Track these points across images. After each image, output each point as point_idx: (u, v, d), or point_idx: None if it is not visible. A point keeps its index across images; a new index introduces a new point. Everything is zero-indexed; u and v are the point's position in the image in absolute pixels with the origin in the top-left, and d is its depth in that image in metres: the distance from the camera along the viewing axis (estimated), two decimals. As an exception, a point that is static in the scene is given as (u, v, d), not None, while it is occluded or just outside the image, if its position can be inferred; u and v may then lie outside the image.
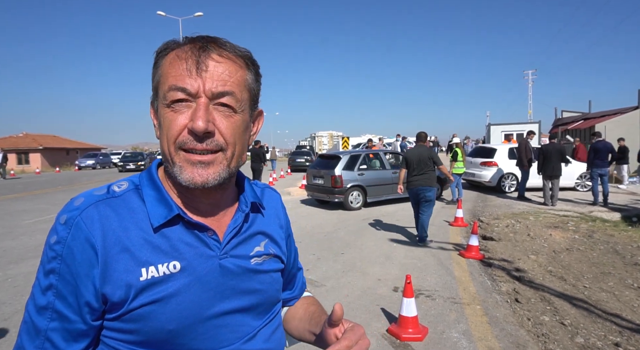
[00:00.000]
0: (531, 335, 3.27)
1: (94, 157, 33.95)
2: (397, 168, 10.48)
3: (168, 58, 0.69)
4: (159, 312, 0.67)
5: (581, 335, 3.20)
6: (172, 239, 0.70)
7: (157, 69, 0.71)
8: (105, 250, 0.66)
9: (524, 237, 6.48)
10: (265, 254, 0.81)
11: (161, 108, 0.69)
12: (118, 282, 0.66)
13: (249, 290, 0.77)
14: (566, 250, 5.67)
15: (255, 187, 0.89)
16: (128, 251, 0.67)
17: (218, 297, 0.73)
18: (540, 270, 4.87)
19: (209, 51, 0.67)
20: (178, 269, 0.69)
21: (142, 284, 0.66)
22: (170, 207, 0.71)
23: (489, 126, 20.59)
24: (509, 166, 11.48)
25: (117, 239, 0.67)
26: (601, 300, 3.90)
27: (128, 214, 0.70)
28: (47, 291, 0.66)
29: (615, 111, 17.82)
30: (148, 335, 0.68)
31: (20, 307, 3.88)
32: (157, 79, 0.70)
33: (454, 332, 3.30)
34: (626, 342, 3.09)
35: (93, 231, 0.66)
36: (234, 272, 0.74)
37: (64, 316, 0.66)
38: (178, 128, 0.67)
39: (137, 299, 0.66)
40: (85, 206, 0.68)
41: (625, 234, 6.51)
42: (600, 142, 9.26)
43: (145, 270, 0.67)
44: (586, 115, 20.88)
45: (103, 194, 0.71)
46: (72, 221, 0.66)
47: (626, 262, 5.09)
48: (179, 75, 0.66)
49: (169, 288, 0.68)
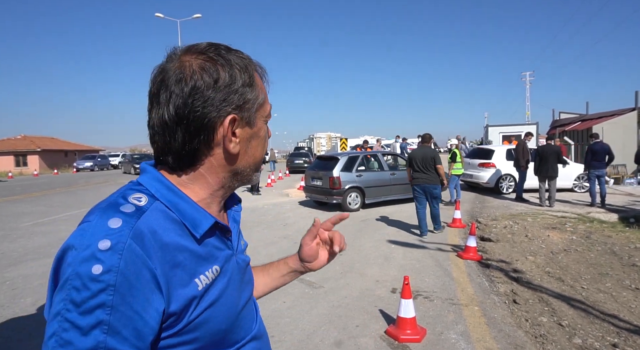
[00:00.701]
0: (529, 336, 3.28)
1: (92, 159, 33.90)
2: (395, 169, 10.50)
3: (258, 80, 0.79)
4: (214, 316, 0.72)
5: (579, 336, 3.21)
6: (208, 245, 0.74)
7: (256, 86, 0.77)
8: (163, 271, 0.64)
9: (521, 238, 6.50)
10: (245, 245, 0.92)
11: (263, 124, 0.81)
12: (182, 298, 0.66)
13: (249, 280, 0.89)
14: (564, 251, 5.69)
15: None
16: (179, 265, 0.67)
17: (241, 291, 0.82)
18: (538, 271, 4.88)
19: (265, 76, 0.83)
20: (218, 272, 0.75)
21: (200, 293, 0.69)
22: (204, 215, 0.73)
23: (487, 127, 20.65)
24: (507, 167, 11.51)
25: (168, 255, 0.66)
26: (599, 301, 3.91)
27: (167, 228, 0.68)
28: (92, 330, 0.57)
29: (613, 112, 17.87)
30: (207, 341, 0.71)
31: (19, 310, 3.87)
32: (261, 98, 0.78)
33: (452, 333, 3.31)
34: (624, 342, 3.10)
35: (148, 252, 0.62)
36: (242, 267, 0.85)
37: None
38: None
39: (197, 308, 0.69)
40: (130, 227, 0.62)
41: (622, 235, 6.53)
42: (597, 144, 9.30)
43: (199, 280, 0.70)
44: (583, 117, 20.95)
45: (134, 211, 0.65)
46: (122, 245, 0.60)
47: (624, 263, 5.10)
48: (268, 99, 0.83)
49: (217, 291, 0.73)
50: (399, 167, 10.89)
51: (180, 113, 0.69)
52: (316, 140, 36.99)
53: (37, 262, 5.54)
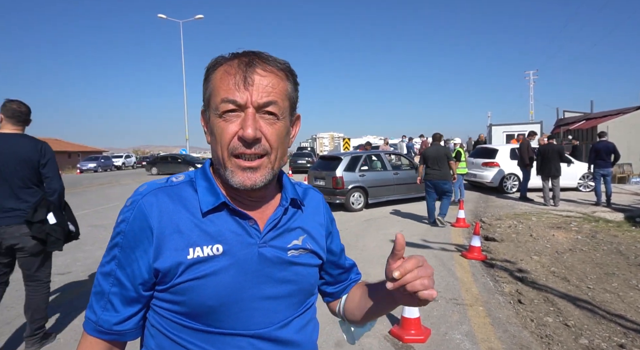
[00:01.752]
0: (535, 337, 3.24)
1: (95, 160, 34.04)
2: (398, 169, 10.47)
3: (218, 73, 0.78)
4: (200, 288, 0.76)
5: (585, 337, 3.17)
6: (218, 225, 0.79)
7: (208, 83, 0.80)
8: (160, 230, 0.76)
9: (526, 237, 6.45)
10: (302, 247, 0.87)
11: (213, 118, 0.78)
12: (169, 258, 0.75)
13: (283, 280, 0.83)
14: (569, 251, 5.64)
15: (298, 187, 0.96)
16: (179, 232, 0.77)
17: (254, 282, 0.80)
18: (543, 271, 4.84)
19: (254, 66, 0.76)
20: (221, 252, 0.78)
21: (189, 261, 0.76)
22: (217, 195, 0.80)
23: (491, 126, 20.56)
24: (511, 167, 11.45)
25: (171, 221, 0.77)
26: (605, 301, 3.87)
27: (181, 201, 0.80)
28: (111, 261, 0.79)
29: (618, 111, 17.74)
30: (190, 308, 0.77)
31: (22, 310, 3.89)
32: (209, 92, 0.80)
33: (456, 334, 3.28)
34: (631, 343, 3.06)
35: (151, 213, 0.77)
36: (271, 261, 0.81)
37: (122, 283, 0.78)
38: (230, 135, 0.76)
39: (184, 275, 0.75)
40: (147, 192, 0.80)
41: (628, 235, 6.47)
42: (601, 143, 9.22)
43: (192, 249, 0.76)
44: (588, 116, 20.81)
45: (162, 183, 0.83)
46: (136, 204, 0.78)
47: (630, 263, 5.05)
48: (229, 89, 0.75)
49: (211, 267, 0.76)
50: (402, 166, 10.86)
51: None
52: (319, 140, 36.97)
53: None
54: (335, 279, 1.04)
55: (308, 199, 0.96)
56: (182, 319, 0.78)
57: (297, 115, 0.88)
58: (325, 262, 0.97)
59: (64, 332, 3.37)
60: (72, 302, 4.05)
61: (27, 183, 2.77)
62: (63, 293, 4.32)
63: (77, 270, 5.14)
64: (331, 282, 1.04)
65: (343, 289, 1.05)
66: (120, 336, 0.80)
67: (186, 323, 0.78)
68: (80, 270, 5.15)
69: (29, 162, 2.75)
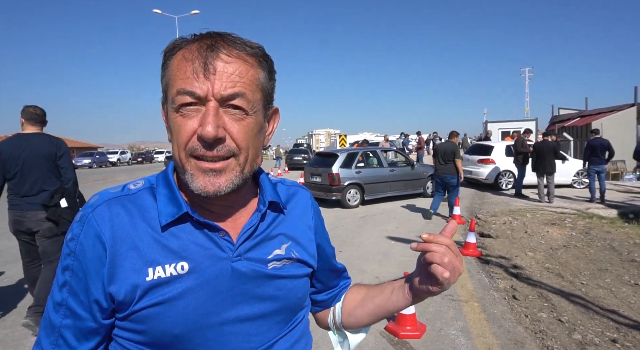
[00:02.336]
0: (529, 332, 3.28)
1: (90, 157, 33.83)
2: (395, 166, 10.50)
3: (176, 58, 0.65)
4: (164, 315, 0.65)
5: (579, 332, 3.21)
6: (182, 239, 0.68)
7: (166, 70, 0.67)
8: (113, 248, 0.65)
9: (521, 234, 6.50)
10: (285, 257, 0.75)
11: (170, 112, 0.66)
12: (124, 281, 0.64)
13: (264, 297, 0.72)
14: (563, 247, 5.69)
15: (281, 186, 0.84)
16: (136, 249, 0.66)
17: (228, 302, 0.69)
18: (537, 267, 4.88)
19: (217, 50, 0.63)
20: (186, 270, 0.66)
21: (147, 284, 0.65)
22: (179, 205, 0.68)
23: (486, 123, 20.63)
24: (506, 163, 11.51)
25: (127, 236, 0.66)
26: (598, 297, 3.91)
27: (139, 212, 0.69)
28: (62, 288, 0.67)
29: (612, 108, 17.84)
30: (153, 338, 0.66)
31: (16, 309, 3.86)
32: (165, 81, 0.67)
33: (452, 330, 3.30)
34: (623, 338, 3.10)
35: (103, 228, 0.66)
36: (247, 276, 0.70)
37: (75, 313, 0.66)
38: (187, 134, 0.63)
39: (143, 300, 0.65)
40: (98, 204, 0.68)
41: (622, 231, 6.53)
42: (596, 140, 9.28)
43: (152, 269, 0.65)
44: (582, 113, 20.91)
45: (117, 192, 0.71)
46: (85, 218, 0.67)
47: (623, 259, 5.11)
48: (186, 78, 0.62)
49: (174, 289, 0.65)
50: (399, 163, 10.89)
51: None
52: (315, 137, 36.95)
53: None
54: (326, 286, 0.93)
55: (294, 200, 0.84)
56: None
57: (274, 108, 0.75)
58: (317, 270, 0.85)
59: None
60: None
61: (47, 174, 3.21)
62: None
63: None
64: (321, 289, 0.93)
65: (334, 296, 0.95)
66: None
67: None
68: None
69: (48, 156, 3.21)
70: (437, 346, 3.06)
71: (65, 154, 3.31)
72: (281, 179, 0.88)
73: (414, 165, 10.60)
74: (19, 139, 3.20)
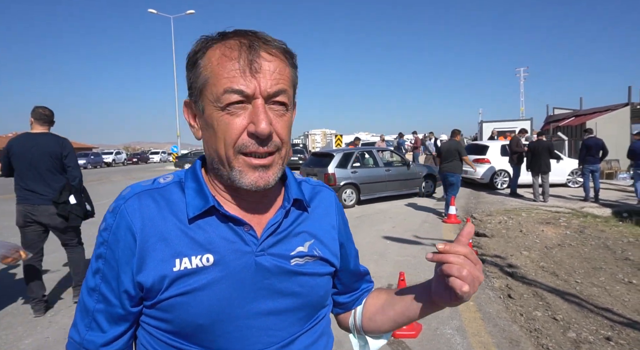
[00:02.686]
0: (524, 331, 3.29)
1: (85, 157, 33.64)
2: (390, 166, 10.52)
3: (212, 57, 0.66)
4: (188, 305, 0.67)
5: (573, 330, 3.23)
6: (208, 232, 0.70)
7: (198, 69, 0.67)
8: (143, 239, 0.68)
9: (516, 233, 6.53)
10: (308, 255, 0.76)
11: (212, 111, 0.66)
12: (153, 271, 0.67)
13: (286, 292, 0.73)
14: (558, 246, 5.72)
15: (306, 185, 0.85)
16: (165, 240, 0.68)
17: (252, 296, 0.70)
18: (532, 266, 4.91)
19: (258, 49, 0.65)
20: (211, 262, 0.68)
21: (174, 274, 0.67)
22: (206, 199, 0.70)
23: (482, 123, 20.71)
24: (502, 163, 11.57)
25: (156, 228, 0.69)
26: (593, 295, 3.94)
27: (167, 205, 0.71)
28: (95, 274, 0.71)
29: (606, 108, 17.95)
30: (179, 327, 0.68)
31: (4, 312, 3.84)
32: (202, 79, 0.67)
33: (447, 329, 3.31)
34: (617, 335, 3.12)
35: (134, 219, 0.68)
36: (270, 271, 0.71)
37: (107, 299, 0.70)
38: (237, 131, 0.65)
39: (170, 289, 0.67)
40: (130, 196, 0.71)
41: (615, 230, 6.58)
42: (591, 139, 9.35)
43: (179, 260, 0.67)
44: (577, 112, 21.03)
45: (147, 185, 0.74)
46: (117, 209, 0.70)
47: (617, 257, 5.14)
48: (232, 77, 0.64)
49: (199, 281, 0.67)
50: (394, 163, 10.91)
51: None
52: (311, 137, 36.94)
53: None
54: (348, 288, 0.92)
55: (318, 199, 0.85)
56: (172, 339, 0.69)
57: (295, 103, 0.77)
58: (339, 270, 0.86)
59: (53, 333, 3.34)
60: (63, 298, 4.01)
61: (53, 171, 3.48)
62: (54, 291, 4.27)
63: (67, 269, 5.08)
64: (343, 291, 0.92)
65: (356, 298, 0.94)
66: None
67: (176, 344, 0.69)
68: (70, 268, 5.08)
69: (54, 154, 3.47)
70: (432, 345, 3.07)
71: (70, 153, 3.58)
72: (306, 178, 0.89)
73: (409, 165, 10.63)
74: (28, 137, 3.48)
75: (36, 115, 3.50)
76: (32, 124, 3.53)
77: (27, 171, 3.40)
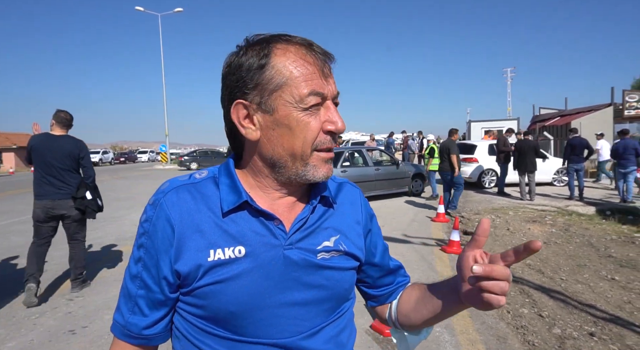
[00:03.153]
0: (511, 328, 3.34)
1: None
2: (380, 165, 10.57)
3: (286, 61, 0.70)
4: (221, 293, 0.71)
5: (558, 326, 3.29)
6: (240, 225, 0.74)
7: (270, 71, 0.69)
8: (180, 230, 0.73)
9: (503, 231, 6.62)
10: (334, 249, 0.80)
11: (291, 111, 0.70)
12: (189, 260, 0.72)
13: (313, 285, 0.77)
14: (544, 244, 5.82)
15: (331, 182, 0.90)
16: (200, 232, 0.73)
17: (279, 287, 0.74)
18: (519, 264, 4.98)
19: (326, 55, 0.73)
20: (243, 254, 0.73)
21: (209, 264, 0.71)
22: (240, 194, 0.75)
23: (470, 123, 20.94)
24: (489, 162, 11.70)
25: (192, 220, 0.73)
26: (577, 292, 4.02)
27: (203, 199, 0.76)
28: (138, 262, 0.76)
29: (590, 108, 18.31)
30: (212, 313, 0.73)
31: (2, 311, 3.76)
32: (277, 81, 0.69)
33: (436, 326, 3.34)
34: (600, 331, 3.19)
35: (172, 212, 0.73)
36: (298, 264, 0.75)
37: (148, 286, 0.75)
38: (316, 130, 0.71)
39: (204, 278, 0.71)
40: (169, 190, 0.76)
41: (599, 227, 6.72)
42: (576, 138, 9.51)
43: (213, 251, 0.72)
44: (562, 112, 21.40)
45: (185, 180, 0.79)
46: (157, 203, 0.75)
47: (600, 255, 5.25)
48: (312, 81, 0.69)
49: (232, 271, 0.72)
50: (384, 162, 10.97)
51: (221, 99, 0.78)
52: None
53: (14, 262, 5.38)
54: (377, 282, 0.95)
55: (342, 195, 0.89)
56: (205, 324, 0.74)
57: None
58: (364, 263, 0.89)
59: (37, 335, 3.28)
60: (47, 300, 3.94)
61: (70, 170, 3.91)
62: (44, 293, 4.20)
63: (52, 269, 5.00)
64: (372, 285, 0.95)
65: (390, 293, 0.96)
66: (149, 341, 0.77)
67: (208, 329, 0.74)
68: (55, 269, 5.01)
69: (72, 155, 3.89)
70: (421, 343, 3.08)
71: (86, 154, 4.03)
72: (333, 176, 0.91)
73: (399, 164, 10.69)
74: (48, 138, 3.87)
75: (58, 118, 3.92)
76: (53, 126, 3.93)
77: (46, 168, 3.80)
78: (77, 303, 3.92)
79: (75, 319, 3.55)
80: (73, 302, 3.95)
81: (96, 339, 3.18)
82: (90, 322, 3.48)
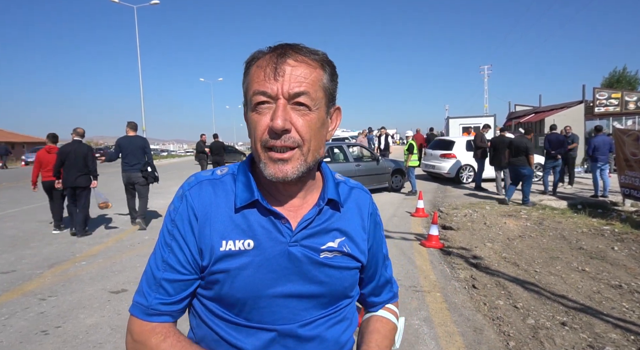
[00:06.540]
0: (487, 319, 3.43)
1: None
2: (360, 161, 10.62)
3: (253, 67, 0.78)
4: (229, 280, 0.80)
5: (532, 317, 3.39)
6: (251, 221, 0.82)
7: (246, 78, 0.80)
8: (202, 220, 0.81)
9: (480, 225, 6.77)
10: (337, 250, 0.86)
11: (248, 111, 0.79)
12: (206, 248, 0.81)
13: (313, 280, 0.83)
14: (519, 238, 5.98)
15: (343, 185, 0.94)
16: (216, 223, 0.81)
17: (282, 280, 0.81)
18: (495, 257, 5.11)
19: (285, 57, 0.75)
20: (251, 247, 0.80)
21: (221, 253, 0.80)
22: (252, 192, 0.82)
23: (448, 119, 21.27)
24: (467, 158, 11.93)
25: (211, 212, 0.82)
26: (550, 283, 4.15)
27: (222, 194, 0.84)
28: (163, 247, 0.84)
29: (562, 105, 18.87)
30: (221, 297, 0.82)
31: (-40, 313, 3.60)
32: (245, 86, 0.80)
33: (415, 320, 3.40)
34: (571, 320, 3.31)
35: (196, 204, 0.82)
36: (300, 260, 0.82)
37: (174, 268, 0.82)
38: (262, 128, 0.75)
39: (216, 265, 0.80)
40: (194, 184, 0.85)
41: (571, 221, 6.96)
42: (552, 135, 9.79)
43: (225, 242, 0.80)
44: (536, 109, 21.99)
45: (208, 176, 0.87)
46: (184, 194, 0.85)
47: (572, 247, 5.44)
48: (260, 81, 0.75)
49: (240, 261, 0.80)
50: (364, 158, 11.03)
51: None
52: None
53: (-19, 263, 5.17)
54: (371, 286, 1.02)
55: (352, 200, 0.93)
56: (216, 307, 0.83)
57: (336, 107, 0.86)
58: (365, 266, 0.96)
59: (7, 336, 3.17)
60: (18, 300, 3.81)
61: (139, 156, 6.74)
62: (7, 293, 4.04)
63: (23, 268, 4.83)
64: (366, 291, 1.02)
65: (370, 304, 1.04)
66: (172, 317, 0.84)
67: (218, 312, 0.83)
68: (26, 268, 4.84)
69: (141, 147, 6.78)
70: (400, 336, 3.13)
71: (148, 146, 6.88)
72: (346, 179, 0.98)
73: (379, 160, 10.77)
74: (127, 138, 6.80)
75: (131, 126, 6.86)
76: (128, 130, 6.84)
77: (128, 155, 6.65)
78: (50, 303, 3.80)
79: (48, 319, 3.44)
80: (46, 301, 3.83)
81: (70, 339, 3.09)
82: (64, 322, 3.38)
